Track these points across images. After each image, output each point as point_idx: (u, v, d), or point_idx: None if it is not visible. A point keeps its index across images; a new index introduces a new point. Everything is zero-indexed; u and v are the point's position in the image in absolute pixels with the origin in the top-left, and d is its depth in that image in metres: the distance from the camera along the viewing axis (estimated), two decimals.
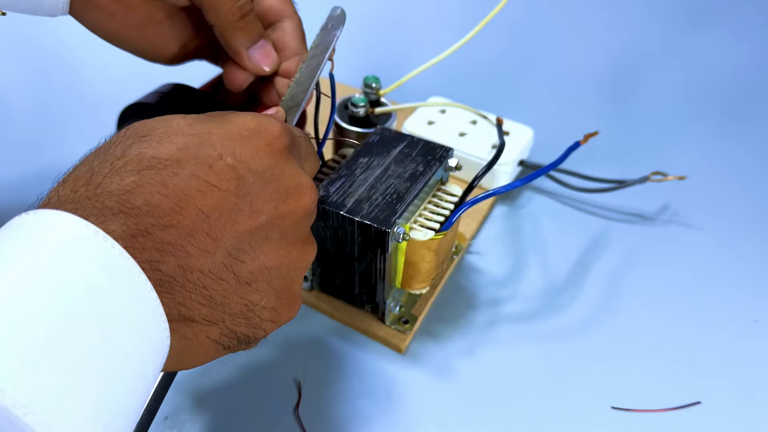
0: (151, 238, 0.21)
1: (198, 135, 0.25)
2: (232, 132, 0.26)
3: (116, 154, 0.23)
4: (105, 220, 0.21)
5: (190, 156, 0.24)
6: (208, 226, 0.23)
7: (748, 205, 0.54)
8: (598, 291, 0.46)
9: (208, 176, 0.23)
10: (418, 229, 0.38)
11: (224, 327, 0.25)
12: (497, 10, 0.46)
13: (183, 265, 0.22)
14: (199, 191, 0.23)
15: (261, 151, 0.26)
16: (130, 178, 0.22)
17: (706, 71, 0.69)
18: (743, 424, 0.38)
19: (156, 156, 0.23)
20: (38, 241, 0.19)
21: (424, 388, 0.40)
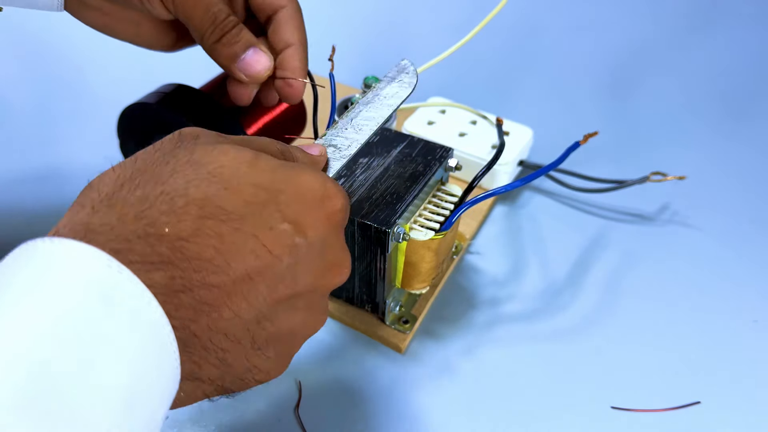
0: (191, 295, 0.20)
1: (267, 191, 0.23)
2: (299, 193, 0.24)
3: (177, 189, 0.21)
4: (151, 269, 0.20)
5: (255, 213, 0.22)
6: (248, 290, 0.22)
7: (748, 205, 0.54)
8: (597, 291, 0.46)
9: (266, 240, 0.22)
10: (418, 229, 0.38)
11: (221, 385, 0.24)
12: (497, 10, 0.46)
13: (212, 326, 0.21)
14: (253, 254, 0.22)
15: (320, 222, 0.24)
16: (188, 223, 0.21)
17: (706, 71, 0.69)
18: (743, 424, 0.38)
19: (221, 206, 0.22)
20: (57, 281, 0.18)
21: (424, 388, 0.40)
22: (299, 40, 0.38)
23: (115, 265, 0.19)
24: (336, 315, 0.43)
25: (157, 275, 0.20)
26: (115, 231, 0.20)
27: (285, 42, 0.37)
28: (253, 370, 0.24)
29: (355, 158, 0.40)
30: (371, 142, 0.42)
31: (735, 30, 0.76)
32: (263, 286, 0.22)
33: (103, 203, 0.21)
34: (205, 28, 0.35)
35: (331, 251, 0.25)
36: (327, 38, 0.49)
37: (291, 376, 0.40)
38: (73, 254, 0.19)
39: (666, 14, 0.79)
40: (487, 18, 0.47)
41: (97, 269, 0.19)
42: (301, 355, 0.41)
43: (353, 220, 0.36)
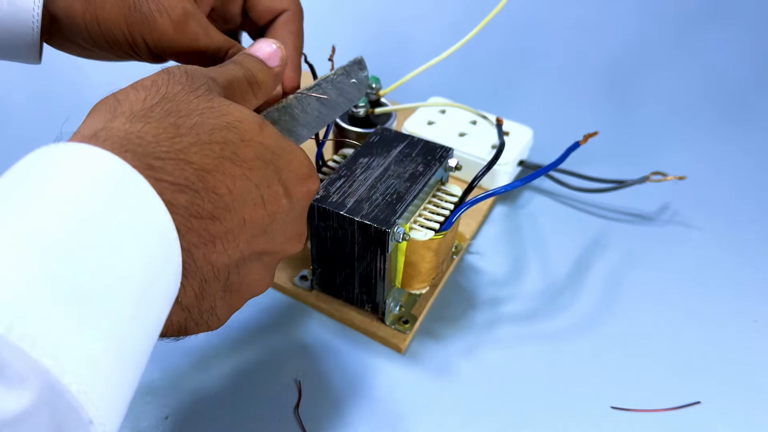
0: (201, 223, 0.23)
1: (273, 152, 0.26)
2: (294, 164, 0.27)
3: (204, 127, 0.24)
4: (176, 189, 0.22)
5: (260, 168, 0.25)
6: (240, 233, 0.24)
7: (748, 205, 0.54)
8: (597, 291, 0.46)
9: (265, 193, 0.25)
10: (418, 229, 0.38)
11: (185, 319, 0.25)
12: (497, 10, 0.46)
13: (206, 256, 0.23)
14: (253, 202, 0.25)
15: (302, 194, 0.28)
16: (212, 158, 0.23)
17: (706, 71, 0.69)
18: (743, 424, 0.38)
19: (237, 153, 0.24)
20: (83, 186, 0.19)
21: (424, 388, 0.40)
22: (293, 45, 0.38)
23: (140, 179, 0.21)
24: (336, 315, 0.43)
25: (181, 197, 0.22)
26: (150, 147, 0.22)
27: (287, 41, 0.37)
28: (211, 312, 0.26)
29: (355, 158, 0.40)
30: (372, 142, 0.42)
31: (735, 30, 0.76)
32: (251, 233, 0.25)
33: (137, 116, 0.23)
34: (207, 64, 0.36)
35: (300, 223, 0.29)
36: (327, 38, 0.49)
37: (291, 376, 0.40)
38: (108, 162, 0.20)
39: (666, 14, 0.79)
40: (487, 18, 0.47)
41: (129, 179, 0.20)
42: (301, 355, 0.41)
43: (353, 220, 0.36)
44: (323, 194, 0.37)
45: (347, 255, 0.39)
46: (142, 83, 0.25)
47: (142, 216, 0.20)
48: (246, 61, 0.31)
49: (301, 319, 0.43)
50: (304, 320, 0.43)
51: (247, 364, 0.41)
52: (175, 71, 0.26)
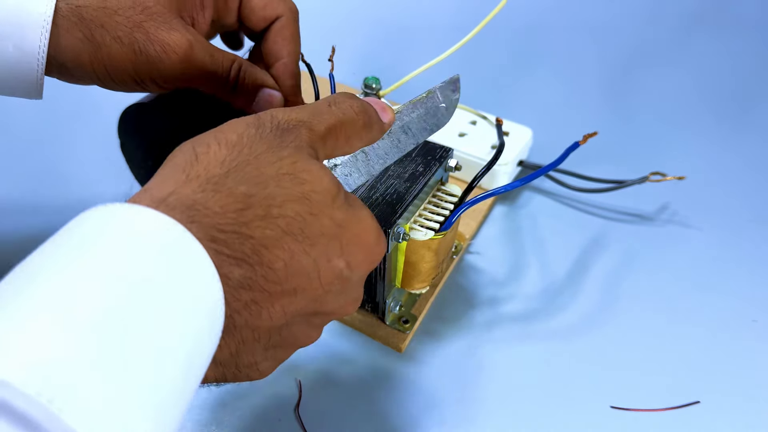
0: (251, 294, 0.23)
1: (340, 226, 0.25)
2: (361, 237, 0.26)
3: (276, 199, 0.23)
4: (233, 263, 0.22)
5: (323, 244, 0.24)
6: (289, 302, 0.24)
7: (747, 205, 0.54)
8: (597, 291, 0.46)
9: (322, 269, 0.24)
10: (418, 229, 0.38)
11: (223, 373, 0.25)
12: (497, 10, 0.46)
13: (248, 321, 0.23)
14: (308, 277, 0.24)
15: (365, 264, 0.27)
16: (273, 234, 0.23)
17: (706, 71, 0.69)
18: (742, 424, 0.38)
19: (303, 230, 0.24)
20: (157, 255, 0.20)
21: (424, 388, 0.40)
22: (290, 52, 0.38)
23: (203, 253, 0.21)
24: None
25: (236, 271, 0.22)
26: (216, 219, 0.22)
27: (275, 56, 0.38)
28: (252, 367, 0.26)
29: None
30: None
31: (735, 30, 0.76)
32: (301, 304, 0.25)
33: (209, 184, 0.23)
34: (215, 89, 0.36)
35: (358, 288, 0.28)
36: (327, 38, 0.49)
37: (291, 376, 0.40)
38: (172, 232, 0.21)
39: (666, 14, 0.79)
40: (487, 18, 0.47)
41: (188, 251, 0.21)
42: (301, 355, 0.41)
43: None
44: None
45: None
46: (227, 138, 0.24)
47: (198, 289, 0.20)
48: (365, 105, 0.29)
49: None
50: None
51: None
52: (266, 123, 0.26)
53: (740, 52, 0.72)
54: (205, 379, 0.25)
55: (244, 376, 0.27)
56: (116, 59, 0.33)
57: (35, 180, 0.53)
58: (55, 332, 0.17)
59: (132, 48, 0.33)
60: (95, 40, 0.32)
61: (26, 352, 0.16)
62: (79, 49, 0.32)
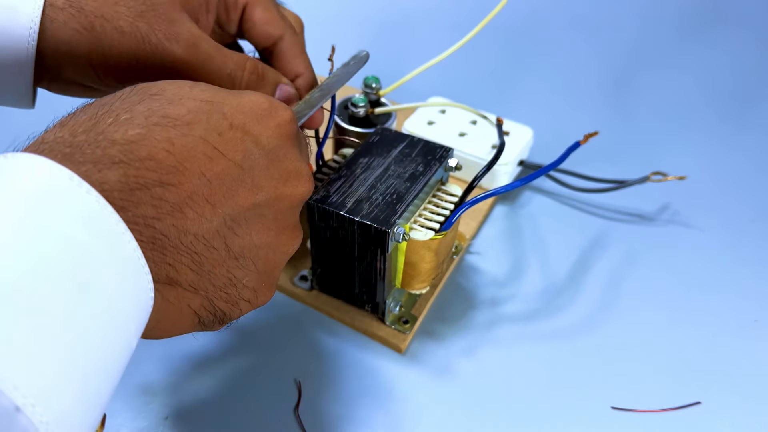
0: (149, 193, 0.21)
1: (211, 102, 0.25)
2: (245, 105, 0.26)
3: (123, 107, 0.23)
4: (103, 168, 0.20)
5: (201, 120, 0.24)
6: (208, 192, 0.23)
7: (748, 205, 0.54)
8: (597, 291, 0.46)
9: (217, 143, 0.24)
10: (418, 229, 0.38)
11: (206, 298, 0.25)
12: (497, 10, 0.46)
13: (178, 226, 0.22)
14: (205, 156, 0.23)
15: (270, 130, 0.26)
16: (136, 130, 0.22)
17: (707, 71, 0.69)
18: (743, 424, 0.38)
19: (166, 115, 0.23)
20: (5, 189, 0.18)
21: (424, 388, 0.40)
22: (306, 67, 0.38)
23: (57, 168, 0.19)
24: (336, 315, 0.43)
25: (110, 174, 0.20)
26: (66, 142, 0.21)
27: (294, 73, 0.37)
28: (237, 284, 0.25)
29: (355, 158, 0.40)
30: (372, 142, 0.42)
31: (736, 29, 0.76)
32: (224, 188, 0.24)
33: (55, 126, 0.22)
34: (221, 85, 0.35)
35: (288, 160, 0.27)
36: (327, 38, 0.49)
37: (291, 376, 0.40)
38: (23, 164, 0.19)
39: (666, 14, 0.79)
40: (487, 18, 0.47)
41: (41, 173, 0.19)
42: (301, 355, 0.41)
43: (353, 220, 0.36)
44: (323, 194, 0.37)
45: (347, 255, 0.39)
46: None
47: (62, 200, 0.19)
48: None
49: (301, 319, 0.43)
50: (303, 320, 0.43)
51: (247, 364, 0.41)
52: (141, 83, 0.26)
53: (741, 52, 0.72)
54: (196, 316, 0.24)
55: (237, 299, 0.26)
56: (117, 49, 0.31)
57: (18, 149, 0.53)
58: None
59: (134, 37, 0.31)
60: (95, 31, 0.31)
61: None
62: (76, 40, 0.31)
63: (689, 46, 0.73)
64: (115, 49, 0.31)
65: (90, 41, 0.31)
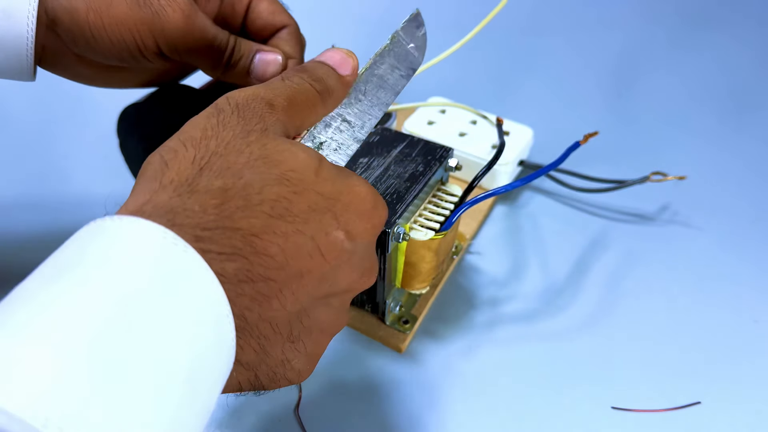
0: (254, 286, 0.22)
1: (327, 198, 0.24)
2: (355, 204, 0.25)
3: (254, 186, 0.23)
4: (225, 259, 0.21)
5: (315, 219, 0.24)
6: (298, 287, 0.23)
7: (749, 205, 0.54)
8: (598, 291, 0.46)
9: (322, 244, 0.24)
10: (418, 229, 0.38)
11: (255, 374, 0.25)
12: (497, 10, 0.46)
13: (262, 314, 0.23)
14: (309, 255, 0.23)
15: (367, 231, 0.26)
16: (260, 220, 0.22)
17: (707, 71, 0.69)
18: (743, 425, 0.38)
19: (289, 209, 0.23)
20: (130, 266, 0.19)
21: (424, 388, 0.40)
22: (300, 57, 0.38)
23: (191, 252, 0.20)
24: None
25: (229, 265, 0.21)
26: (196, 218, 0.21)
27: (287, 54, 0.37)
28: (286, 365, 0.26)
29: (354, 158, 0.40)
30: (372, 142, 0.42)
31: (736, 28, 0.76)
32: (311, 285, 0.24)
33: (184, 187, 0.22)
34: (211, 62, 0.35)
35: (369, 259, 0.27)
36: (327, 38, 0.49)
37: None
38: (157, 238, 0.20)
39: (666, 14, 0.79)
40: (487, 18, 0.47)
41: (175, 254, 0.20)
42: None
43: None
44: None
45: None
46: (191, 136, 0.24)
47: (193, 290, 0.20)
48: (317, 70, 0.29)
49: None
50: None
51: None
52: (225, 108, 0.25)
53: (741, 52, 0.72)
54: (238, 386, 0.25)
55: (281, 378, 0.26)
56: (116, 10, 0.31)
57: (34, 179, 0.53)
58: (49, 357, 0.16)
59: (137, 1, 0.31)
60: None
61: (23, 379, 0.16)
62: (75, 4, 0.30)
63: (690, 45, 0.73)
64: (114, 8, 0.31)
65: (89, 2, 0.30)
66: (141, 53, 0.33)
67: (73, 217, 0.49)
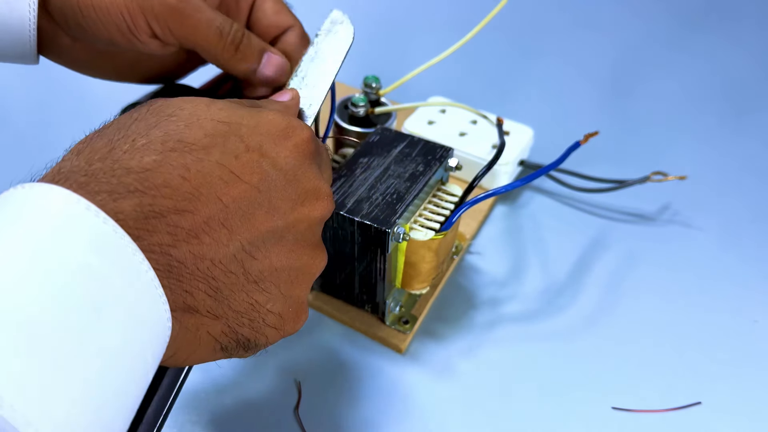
0: (164, 221, 0.21)
1: (228, 123, 0.24)
2: (262, 126, 0.25)
3: (139, 131, 0.23)
4: (119, 197, 0.20)
5: (217, 144, 0.23)
6: (224, 216, 0.23)
7: (749, 205, 0.54)
8: (598, 291, 0.46)
9: (233, 167, 0.23)
10: (418, 229, 0.38)
11: (226, 324, 0.24)
12: (497, 9, 0.46)
13: (194, 252, 0.22)
14: (221, 180, 0.23)
15: (288, 150, 0.26)
16: (152, 157, 0.22)
17: (707, 70, 0.69)
18: (743, 425, 0.38)
19: (182, 139, 0.23)
20: (23, 220, 0.18)
21: (424, 388, 0.40)
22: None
23: (74, 198, 0.19)
24: (336, 315, 0.43)
25: (125, 203, 0.20)
26: (81, 171, 0.21)
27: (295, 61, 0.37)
28: (260, 309, 0.25)
29: (354, 158, 0.40)
30: (372, 142, 0.42)
31: (736, 29, 0.76)
32: (240, 212, 0.23)
33: (72, 154, 0.22)
34: (215, 47, 0.34)
35: (306, 179, 0.26)
36: None
37: (291, 376, 0.40)
38: (39, 194, 0.19)
39: (666, 14, 0.79)
40: (487, 18, 0.47)
41: (57, 203, 0.19)
42: (301, 355, 0.41)
43: (353, 220, 0.36)
44: None
45: (347, 255, 0.39)
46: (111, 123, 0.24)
47: (78, 228, 0.19)
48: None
49: None
50: None
51: (247, 364, 0.40)
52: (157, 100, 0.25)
53: (742, 52, 0.72)
54: (219, 343, 0.24)
55: (261, 326, 0.25)
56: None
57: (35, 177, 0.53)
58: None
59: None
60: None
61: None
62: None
63: (690, 45, 0.73)
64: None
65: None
66: (133, 34, 0.32)
67: None
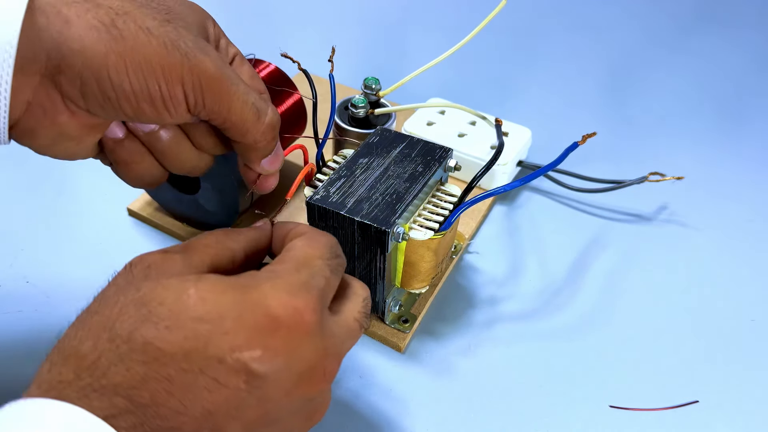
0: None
1: (210, 321, 0.22)
2: (247, 318, 0.23)
3: (122, 335, 0.22)
4: (113, 418, 0.20)
5: (199, 349, 0.22)
6: (212, 424, 0.22)
7: (746, 205, 0.54)
8: (596, 290, 0.46)
9: (217, 374, 0.22)
10: (418, 229, 0.38)
11: None
12: (497, 11, 0.46)
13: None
14: (206, 389, 0.22)
15: (278, 340, 0.23)
16: (137, 369, 0.21)
17: (705, 72, 0.69)
18: (741, 423, 0.39)
19: (161, 349, 0.21)
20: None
21: (424, 387, 0.40)
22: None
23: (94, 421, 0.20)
24: None
25: (123, 421, 0.20)
26: (73, 386, 0.21)
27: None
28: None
29: (354, 159, 0.40)
30: (371, 143, 0.42)
31: (734, 30, 0.76)
32: (229, 417, 0.22)
33: (60, 356, 0.22)
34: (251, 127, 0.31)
35: (299, 363, 0.24)
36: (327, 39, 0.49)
37: None
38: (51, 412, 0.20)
39: (665, 14, 0.79)
40: (486, 19, 0.47)
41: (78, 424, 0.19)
42: None
43: (353, 220, 0.36)
44: (323, 194, 0.38)
45: (347, 255, 0.39)
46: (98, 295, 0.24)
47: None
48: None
49: None
50: None
51: None
52: (136, 261, 0.24)
53: (739, 53, 0.72)
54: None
55: None
56: (142, 53, 0.26)
57: (34, 180, 0.53)
58: None
59: (162, 41, 0.26)
60: (116, 28, 0.25)
61: None
62: (91, 39, 0.25)
63: (687, 46, 0.73)
64: (140, 49, 0.26)
65: (109, 40, 0.25)
66: (165, 106, 0.27)
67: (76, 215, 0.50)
